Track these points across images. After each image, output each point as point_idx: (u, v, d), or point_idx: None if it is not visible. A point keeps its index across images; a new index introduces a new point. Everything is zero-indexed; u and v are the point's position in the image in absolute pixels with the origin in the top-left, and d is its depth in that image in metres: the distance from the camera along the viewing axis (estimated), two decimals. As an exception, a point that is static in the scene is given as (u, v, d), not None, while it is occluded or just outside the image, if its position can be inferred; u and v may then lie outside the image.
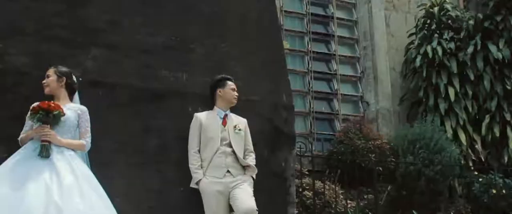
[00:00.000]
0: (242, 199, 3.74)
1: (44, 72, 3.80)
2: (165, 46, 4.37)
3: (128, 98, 4.06)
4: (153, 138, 4.06)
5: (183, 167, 4.06)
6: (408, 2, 8.98)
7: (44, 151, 3.28)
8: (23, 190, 3.00)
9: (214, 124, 4.03)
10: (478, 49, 7.45)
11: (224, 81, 4.17)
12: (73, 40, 4.07)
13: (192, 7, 4.64)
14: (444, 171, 6.62)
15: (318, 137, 7.64)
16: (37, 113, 3.31)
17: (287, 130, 4.55)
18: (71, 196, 3.10)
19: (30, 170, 3.16)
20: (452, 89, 7.40)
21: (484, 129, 7.29)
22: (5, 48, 3.83)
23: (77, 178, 3.24)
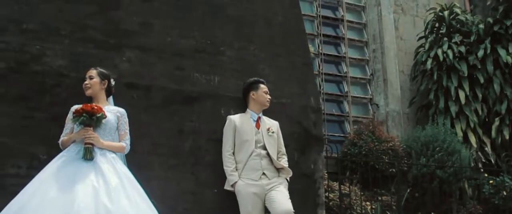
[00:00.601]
0: (279, 201, 3.78)
1: (81, 74, 3.83)
2: (196, 49, 4.40)
3: (162, 101, 4.09)
4: (187, 140, 4.09)
5: (216, 169, 4.10)
6: (416, 6, 9.08)
7: (88, 153, 3.30)
8: (72, 193, 3.01)
9: (248, 127, 4.07)
10: (488, 53, 7.55)
11: (257, 84, 4.21)
12: (107, 42, 4.09)
13: (220, 10, 4.68)
14: (457, 172, 6.70)
15: (329, 138, 7.70)
16: (80, 116, 3.32)
17: (315, 133, 4.59)
18: (118, 198, 3.12)
19: (76, 173, 3.17)
20: (462, 92, 7.49)
21: (494, 131, 7.39)
22: (43, 50, 3.84)
23: (121, 180, 3.26)
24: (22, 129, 3.61)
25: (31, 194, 3.03)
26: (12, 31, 3.81)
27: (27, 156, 3.58)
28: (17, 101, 3.65)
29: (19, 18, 3.87)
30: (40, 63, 3.79)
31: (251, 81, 4.24)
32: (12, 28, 3.82)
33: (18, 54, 3.75)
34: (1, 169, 3.50)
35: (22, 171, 3.54)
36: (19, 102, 3.65)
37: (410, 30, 8.84)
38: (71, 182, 3.10)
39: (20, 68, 3.72)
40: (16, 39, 3.79)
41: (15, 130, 3.59)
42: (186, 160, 4.04)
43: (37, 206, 2.94)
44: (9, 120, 3.59)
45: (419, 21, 8.94)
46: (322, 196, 4.50)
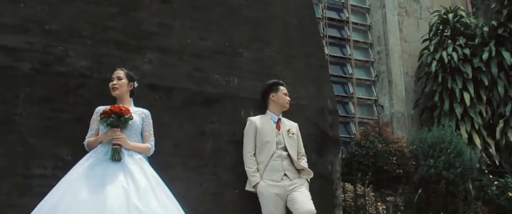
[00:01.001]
0: (302, 202, 3.81)
1: (103, 75, 3.85)
2: (215, 50, 4.42)
3: (184, 102, 4.11)
4: (208, 141, 4.11)
5: (236, 170, 4.13)
6: (419, 8, 9.17)
7: (116, 154, 3.31)
8: (103, 194, 3.03)
9: (269, 128, 4.10)
10: (493, 56, 7.64)
11: (276, 86, 4.24)
12: (128, 43, 4.10)
13: (236, 11, 4.71)
14: (464, 174, 6.78)
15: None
16: (109, 117, 3.33)
17: (332, 134, 4.63)
18: (148, 199, 3.14)
19: (105, 174, 3.19)
20: (467, 94, 7.58)
21: (498, 133, 7.48)
22: (66, 51, 3.84)
23: (150, 181, 3.28)
24: (47, 130, 3.61)
25: (62, 195, 3.04)
26: (35, 32, 3.81)
27: (52, 157, 3.58)
28: (42, 102, 3.65)
29: (42, 19, 3.87)
30: (63, 64, 3.80)
31: (270, 83, 4.27)
32: (35, 29, 3.82)
33: (41, 55, 3.75)
34: (27, 169, 3.50)
35: (47, 172, 3.55)
36: (44, 103, 3.65)
37: (413, 32, 8.92)
38: (101, 183, 3.11)
39: (44, 69, 3.72)
40: (39, 40, 3.79)
41: (40, 130, 3.59)
42: (207, 161, 4.06)
43: (69, 207, 2.95)
44: (34, 121, 3.59)
45: (423, 24, 9.03)
46: (339, 197, 4.54)
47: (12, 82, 3.60)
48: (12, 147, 3.48)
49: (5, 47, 3.66)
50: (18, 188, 3.44)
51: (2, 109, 3.52)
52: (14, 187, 3.43)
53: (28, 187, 3.47)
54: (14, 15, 3.79)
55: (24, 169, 3.49)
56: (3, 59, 3.62)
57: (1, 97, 3.54)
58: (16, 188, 3.44)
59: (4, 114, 3.52)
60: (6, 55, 3.64)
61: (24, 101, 3.60)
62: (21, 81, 3.62)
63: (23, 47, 3.72)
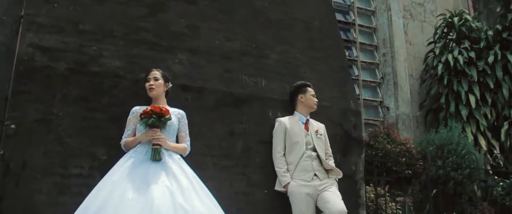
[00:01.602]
0: (334, 202, 3.88)
1: (136, 75, 3.89)
2: (242, 52, 4.47)
3: (214, 103, 4.15)
4: (238, 142, 4.16)
5: (265, 170, 4.19)
6: (423, 12, 9.30)
7: (157, 154, 3.34)
8: (149, 194, 3.06)
9: (298, 129, 4.16)
10: (498, 59, 7.79)
11: (304, 87, 4.30)
12: (159, 44, 4.13)
13: (260, 14, 4.76)
14: (471, 174, 6.91)
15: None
16: (150, 117, 3.36)
17: (356, 135, 4.71)
18: (191, 198, 3.18)
19: (148, 174, 3.22)
20: (472, 96, 7.72)
21: (503, 135, 7.63)
22: (100, 51, 3.86)
23: (190, 181, 3.33)
24: (83, 130, 3.63)
25: (108, 195, 3.05)
26: (70, 32, 3.82)
27: (89, 157, 3.60)
28: (78, 102, 3.66)
29: (75, 19, 3.89)
30: (97, 64, 3.82)
31: (298, 85, 4.33)
32: (69, 29, 3.83)
33: (76, 55, 3.77)
34: (65, 169, 3.51)
35: (84, 172, 3.56)
36: (80, 103, 3.67)
37: (418, 35, 9.05)
38: (145, 182, 3.14)
39: (79, 69, 3.74)
40: (74, 40, 3.81)
41: (77, 130, 3.61)
42: (238, 161, 4.11)
43: (117, 207, 2.97)
44: (71, 121, 3.60)
45: (427, 27, 9.17)
46: (363, 197, 4.61)
47: (49, 82, 3.61)
48: (50, 147, 3.50)
49: (42, 47, 3.67)
50: (57, 188, 3.46)
51: (40, 109, 3.53)
52: (53, 187, 3.45)
53: (67, 187, 3.49)
54: (48, 15, 3.81)
55: (62, 169, 3.50)
56: (41, 59, 3.64)
57: (39, 97, 3.55)
58: (55, 188, 3.45)
59: (42, 113, 3.53)
60: (43, 55, 3.65)
61: (60, 101, 3.61)
62: (57, 81, 3.64)
63: (58, 47, 3.73)
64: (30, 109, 3.51)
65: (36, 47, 3.65)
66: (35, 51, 3.64)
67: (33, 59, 3.61)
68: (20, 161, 3.38)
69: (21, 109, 3.48)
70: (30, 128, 3.47)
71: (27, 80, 3.55)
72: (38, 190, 3.40)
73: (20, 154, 3.40)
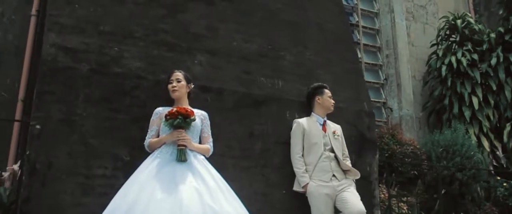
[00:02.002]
0: (352, 202, 3.92)
1: (157, 76, 3.91)
2: (259, 53, 4.51)
3: (234, 104, 4.17)
4: (257, 143, 4.19)
5: (283, 171, 4.22)
6: (426, 14, 9.38)
7: (182, 155, 3.37)
8: (177, 194, 3.08)
9: (316, 130, 4.20)
10: (500, 61, 7.89)
11: (322, 89, 4.34)
12: (179, 45, 4.15)
13: (275, 15, 4.80)
14: (476, 175, 6.99)
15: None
16: (176, 118, 3.38)
17: (370, 136, 4.76)
18: (218, 199, 3.20)
19: (175, 174, 3.24)
20: (475, 98, 7.80)
21: (506, 136, 7.72)
22: (121, 52, 3.88)
23: (216, 181, 3.35)
24: (105, 130, 3.64)
25: (136, 196, 3.07)
26: (91, 33, 3.84)
27: (112, 157, 3.61)
28: (100, 103, 3.68)
29: (96, 20, 3.90)
30: (119, 65, 3.83)
31: (316, 86, 4.37)
32: (90, 30, 3.85)
33: (98, 56, 3.78)
34: (89, 169, 3.52)
35: (107, 172, 3.58)
36: (102, 104, 3.68)
37: (420, 37, 9.13)
38: (173, 183, 3.16)
39: (101, 70, 3.75)
40: (95, 41, 3.82)
41: (100, 131, 3.62)
42: (256, 162, 4.14)
43: (146, 207, 2.98)
44: (94, 121, 3.62)
45: (429, 28, 9.26)
46: (377, 197, 4.67)
47: (72, 83, 3.62)
48: (74, 147, 3.51)
49: (65, 47, 3.68)
50: (81, 188, 3.47)
51: (64, 109, 3.54)
52: (78, 187, 3.46)
53: (90, 187, 3.50)
54: (70, 16, 3.82)
55: (86, 169, 3.52)
56: (64, 59, 3.64)
57: (63, 98, 3.56)
58: (79, 188, 3.46)
59: (65, 113, 3.54)
60: (66, 55, 3.66)
61: (83, 101, 3.63)
62: (80, 82, 3.65)
63: (80, 48, 3.74)
64: (54, 109, 3.51)
65: (59, 48, 3.65)
66: (58, 51, 3.64)
67: (56, 60, 3.61)
68: (45, 161, 3.39)
69: (46, 109, 3.49)
70: (54, 129, 3.48)
71: (51, 80, 3.55)
72: (63, 190, 3.41)
73: (45, 154, 3.40)
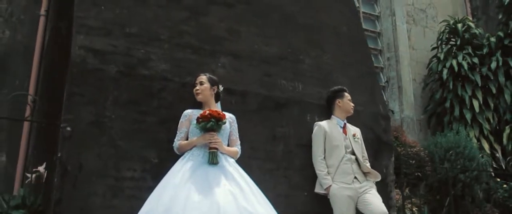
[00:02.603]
0: (375, 204, 3.99)
1: (183, 79, 3.93)
2: (280, 56, 4.55)
3: (257, 106, 4.21)
4: (279, 145, 4.23)
5: (304, 173, 4.27)
6: (425, 17, 9.52)
7: (214, 158, 3.39)
8: (214, 197, 3.10)
9: (337, 133, 4.26)
10: (500, 65, 8.04)
11: (342, 92, 4.40)
12: (202, 48, 4.18)
13: (292, 18, 4.85)
14: (478, 177, 7.12)
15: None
16: (208, 121, 3.40)
17: (386, 139, 4.83)
18: (252, 201, 3.23)
19: (208, 177, 3.26)
20: (476, 101, 7.95)
21: (505, 139, 7.87)
22: (147, 54, 3.88)
23: (248, 184, 3.38)
24: (134, 132, 3.65)
25: (172, 198, 3.08)
26: (117, 35, 3.84)
27: (140, 159, 3.62)
28: (129, 105, 3.68)
29: (122, 22, 3.91)
30: (146, 67, 3.84)
31: (336, 89, 4.42)
32: (117, 32, 3.85)
33: (125, 58, 3.78)
34: (118, 172, 3.52)
35: (136, 174, 3.58)
36: (130, 106, 3.69)
37: (420, 40, 9.27)
38: (207, 186, 3.18)
39: (129, 72, 3.75)
40: (122, 43, 3.82)
41: (128, 133, 3.62)
42: (279, 164, 4.18)
43: (183, 209, 3.00)
44: (122, 123, 3.62)
45: (428, 32, 9.40)
46: (394, 199, 4.74)
47: (101, 85, 3.62)
48: (104, 149, 3.51)
49: (93, 49, 3.67)
50: (111, 190, 3.47)
51: (94, 111, 3.54)
52: (108, 189, 3.46)
53: (120, 189, 3.50)
54: (96, 18, 3.82)
55: (115, 171, 3.52)
56: (92, 61, 3.64)
57: (92, 100, 3.55)
58: (109, 190, 3.46)
59: (95, 115, 3.54)
60: (95, 57, 3.66)
61: (112, 104, 3.62)
62: (109, 84, 3.65)
63: (108, 50, 3.74)
64: (84, 111, 3.51)
65: (88, 50, 3.65)
66: (87, 53, 3.64)
67: (86, 62, 3.61)
68: (76, 163, 3.39)
69: (76, 111, 3.48)
70: (84, 130, 3.48)
71: (81, 82, 3.55)
72: (93, 193, 3.41)
73: (76, 156, 3.40)
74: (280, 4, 4.82)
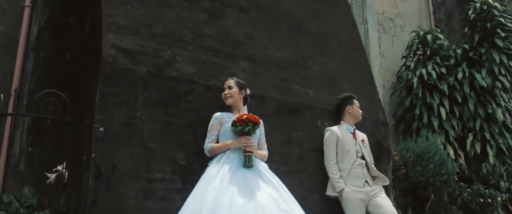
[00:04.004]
0: (387, 207, 4.19)
1: (208, 81, 3.97)
2: (291, 62, 4.66)
3: (274, 111, 4.29)
4: (294, 149, 4.34)
5: (316, 176, 4.41)
6: (394, 27, 9.94)
7: (250, 161, 3.47)
8: (257, 200, 3.18)
9: (348, 138, 4.43)
10: (466, 76, 8.55)
11: (351, 99, 4.58)
12: (222, 51, 4.22)
13: (301, 25, 4.98)
14: (447, 181, 7.56)
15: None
16: (246, 125, 3.47)
17: (385, 145, 5.06)
18: (290, 205, 3.34)
19: (247, 180, 3.34)
20: (443, 109, 8.41)
21: (468, 145, 8.39)
22: (173, 55, 3.88)
23: (282, 188, 3.48)
24: (163, 134, 3.64)
25: (215, 200, 3.13)
26: (144, 35, 3.81)
27: (169, 161, 3.62)
28: (158, 106, 3.67)
29: (148, 22, 3.88)
30: (173, 69, 3.83)
31: (346, 96, 4.59)
32: (144, 32, 3.82)
33: (153, 59, 3.76)
34: (149, 173, 3.51)
35: (166, 176, 3.58)
36: (160, 108, 3.67)
37: (389, 48, 9.67)
38: (249, 189, 3.25)
39: (157, 73, 3.73)
40: (149, 43, 3.80)
41: (158, 135, 3.61)
42: (294, 167, 4.29)
43: (230, 211, 3.06)
44: (153, 125, 3.60)
45: (396, 41, 9.82)
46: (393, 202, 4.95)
47: (132, 85, 3.59)
48: (136, 151, 3.48)
49: (122, 48, 3.63)
50: (143, 192, 3.45)
51: (125, 112, 3.51)
52: (140, 191, 3.44)
53: (151, 191, 3.49)
54: (124, 16, 3.77)
55: (146, 173, 3.50)
56: (123, 61, 3.60)
57: (124, 100, 3.52)
58: (141, 192, 3.44)
59: (127, 116, 3.51)
60: (125, 57, 3.62)
61: (142, 105, 3.60)
62: (139, 85, 3.62)
63: (137, 50, 3.71)
64: (116, 111, 3.47)
65: (118, 49, 3.60)
66: (118, 53, 3.59)
67: (117, 61, 3.56)
68: (110, 164, 3.35)
69: (108, 111, 3.43)
70: (117, 131, 3.44)
71: (113, 82, 3.50)
72: (126, 194, 3.38)
73: (109, 157, 3.36)
74: (289, 10, 4.93)
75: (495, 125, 8.46)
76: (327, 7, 5.34)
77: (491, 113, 8.47)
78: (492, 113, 8.43)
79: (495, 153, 8.38)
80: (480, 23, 8.87)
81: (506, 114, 8.60)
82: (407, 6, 10.25)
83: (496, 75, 8.57)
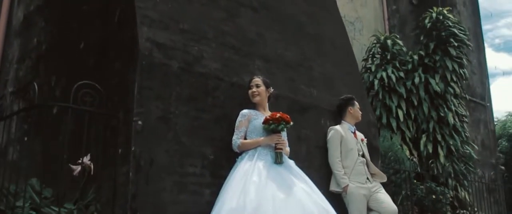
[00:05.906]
0: (387, 202, 4.51)
1: (231, 78, 4.07)
2: (297, 62, 4.84)
3: (287, 109, 4.43)
4: (303, 146, 4.53)
5: (321, 172, 4.63)
6: (354, 30, 10.40)
7: (280, 158, 3.62)
8: (295, 194, 3.36)
9: (350, 137, 4.69)
10: (421, 81, 9.16)
11: (353, 100, 4.85)
12: (241, 49, 4.33)
13: (302, 27, 5.18)
14: (406, 178, 8.10)
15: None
16: (280, 123, 3.61)
17: (375, 144, 5.38)
18: (320, 196, 3.54)
19: (282, 176, 3.51)
20: (401, 111, 8.97)
21: (422, 146, 9.01)
22: (201, 52, 3.94)
23: (308, 180, 3.67)
24: (194, 129, 3.70)
25: (258, 195, 3.26)
26: (174, 30, 3.84)
27: (200, 156, 3.69)
28: (189, 102, 3.71)
29: (175, 17, 3.90)
30: (201, 65, 3.89)
31: (348, 98, 4.85)
32: (173, 26, 3.85)
33: (183, 54, 3.80)
34: (182, 167, 3.56)
35: (197, 170, 3.65)
36: (191, 103, 3.72)
37: (349, 51, 10.11)
38: (285, 184, 3.41)
39: (188, 69, 3.78)
40: (179, 38, 3.83)
41: (189, 129, 3.66)
42: (302, 163, 4.44)
43: (274, 206, 3.20)
44: (185, 120, 3.65)
45: (356, 43, 10.25)
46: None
47: (167, 80, 3.61)
48: (170, 145, 3.52)
49: (157, 42, 3.64)
50: (177, 186, 3.50)
51: (161, 106, 3.53)
52: (174, 185, 3.49)
53: (184, 185, 3.55)
54: (155, 10, 3.78)
55: (180, 167, 3.55)
56: (157, 55, 3.61)
57: (160, 94, 3.54)
58: (175, 186, 3.49)
59: (162, 111, 3.53)
60: (159, 51, 3.63)
61: (175, 99, 3.64)
62: (173, 79, 3.65)
63: (168, 45, 3.73)
64: (153, 106, 3.48)
65: (153, 43, 3.61)
66: (153, 47, 3.60)
67: (152, 55, 3.57)
68: (148, 158, 3.37)
69: (146, 105, 3.44)
70: (153, 126, 3.46)
71: (149, 76, 3.51)
72: (162, 188, 3.41)
73: (147, 151, 3.38)
74: (293, 13, 5.10)
75: (446, 127, 9.14)
76: (321, 11, 5.57)
77: (443, 116, 9.14)
78: (444, 116, 9.10)
79: (445, 154, 9.06)
80: (435, 32, 9.52)
81: (456, 117, 9.31)
82: (366, 11, 10.75)
83: (448, 81, 9.25)
